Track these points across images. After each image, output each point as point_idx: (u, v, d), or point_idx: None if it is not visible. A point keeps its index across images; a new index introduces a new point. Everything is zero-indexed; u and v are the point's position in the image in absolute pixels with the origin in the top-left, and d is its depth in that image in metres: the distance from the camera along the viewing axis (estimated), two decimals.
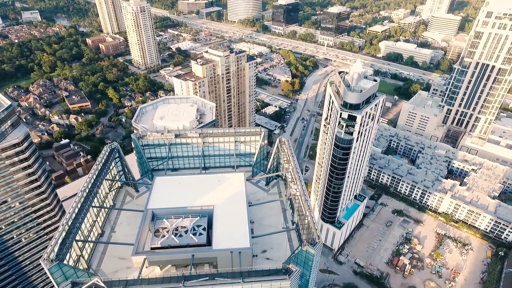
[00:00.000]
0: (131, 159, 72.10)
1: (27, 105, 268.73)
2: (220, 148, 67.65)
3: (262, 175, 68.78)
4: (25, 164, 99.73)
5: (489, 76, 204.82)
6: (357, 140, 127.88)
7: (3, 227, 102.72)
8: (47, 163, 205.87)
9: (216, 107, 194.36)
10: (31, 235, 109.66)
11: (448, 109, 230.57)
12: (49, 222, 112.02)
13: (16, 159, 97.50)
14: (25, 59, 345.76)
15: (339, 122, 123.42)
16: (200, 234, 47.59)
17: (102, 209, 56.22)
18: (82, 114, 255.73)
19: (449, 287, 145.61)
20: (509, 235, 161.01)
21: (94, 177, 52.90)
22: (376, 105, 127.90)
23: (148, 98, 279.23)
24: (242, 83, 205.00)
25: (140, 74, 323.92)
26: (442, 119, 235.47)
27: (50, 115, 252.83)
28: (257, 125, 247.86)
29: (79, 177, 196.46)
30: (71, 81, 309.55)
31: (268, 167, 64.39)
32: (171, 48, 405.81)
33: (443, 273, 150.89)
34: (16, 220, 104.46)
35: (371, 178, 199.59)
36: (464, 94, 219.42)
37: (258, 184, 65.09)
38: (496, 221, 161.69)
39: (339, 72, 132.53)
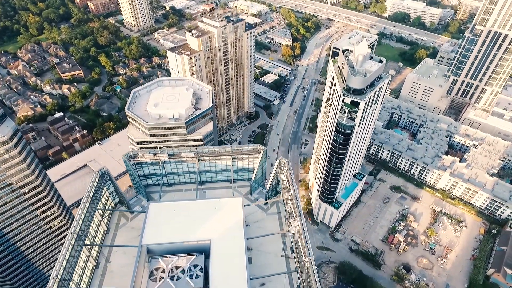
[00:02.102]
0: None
1: (16, 73, 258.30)
2: (216, 164, 64.54)
3: (261, 190, 66.55)
4: (17, 160, 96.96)
5: (500, 45, 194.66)
6: (359, 125, 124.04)
7: (1, 221, 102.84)
8: (43, 138, 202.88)
9: (213, 81, 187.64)
10: (29, 226, 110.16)
11: (454, 79, 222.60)
12: (48, 213, 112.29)
13: (6, 156, 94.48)
14: (9, 20, 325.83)
15: (341, 107, 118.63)
16: (197, 276, 46.46)
17: (97, 238, 54.75)
18: (75, 83, 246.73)
19: (441, 263, 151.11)
20: (503, 212, 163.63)
21: (85, 211, 50.32)
22: (380, 88, 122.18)
23: (143, 65, 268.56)
24: (240, 54, 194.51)
25: (133, 37, 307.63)
26: (447, 90, 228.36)
27: (42, 84, 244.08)
28: (256, 95, 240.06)
29: (76, 152, 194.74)
30: (61, 45, 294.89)
31: (268, 187, 61.83)
32: (165, 7, 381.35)
33: (436, 250, 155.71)
34: (13, 214, 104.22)
35: (370, 153, 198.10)
36: (472, 64, 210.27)
37: (256, 203, 63.00)
38: (492, 199, 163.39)
39: (343, 51, 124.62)
